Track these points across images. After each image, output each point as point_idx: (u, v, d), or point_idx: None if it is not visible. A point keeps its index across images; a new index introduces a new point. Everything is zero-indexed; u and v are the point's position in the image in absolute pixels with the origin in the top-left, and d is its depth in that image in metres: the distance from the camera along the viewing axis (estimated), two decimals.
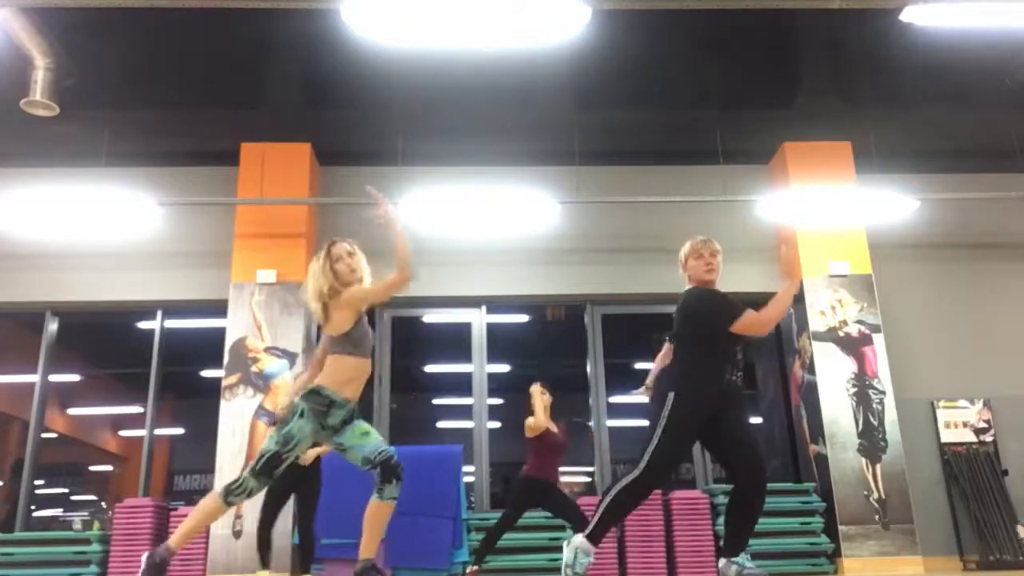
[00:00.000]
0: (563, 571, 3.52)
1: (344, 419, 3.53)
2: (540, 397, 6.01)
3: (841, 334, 7.68)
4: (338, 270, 3.60)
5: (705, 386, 3.61)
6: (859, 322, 7.72)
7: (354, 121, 7.78)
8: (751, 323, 3.61)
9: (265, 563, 5.65)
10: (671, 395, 3.58)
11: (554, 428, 6.04)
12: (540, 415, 5.93)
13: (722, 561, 3.67)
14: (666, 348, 3.89)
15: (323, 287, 3.56)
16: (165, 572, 3.39)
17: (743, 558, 3.63)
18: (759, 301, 9.17)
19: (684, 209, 7.90)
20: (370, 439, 3.54)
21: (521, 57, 6.44)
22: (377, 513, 3.53)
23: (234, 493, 3.46)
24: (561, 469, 6.18)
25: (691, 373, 3.64)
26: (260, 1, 5.41)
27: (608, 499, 3.56)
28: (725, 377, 3.62)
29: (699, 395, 3.60)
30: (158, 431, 8.15)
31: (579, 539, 3.55)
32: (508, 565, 6.77)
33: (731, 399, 3.64)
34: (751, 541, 3.70)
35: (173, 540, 3.43)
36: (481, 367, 8.13)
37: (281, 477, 5.57)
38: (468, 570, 5.94)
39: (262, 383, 7.29)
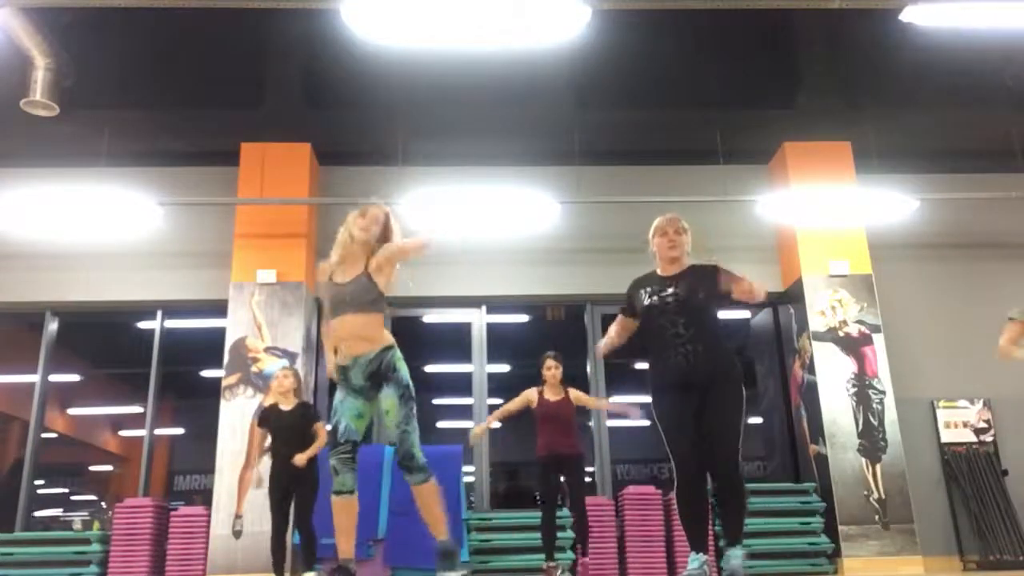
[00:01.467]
0: None
1: (367, 375, 3.64)
2: (545, 370, 6.03)
3: (841, 334, 7.68)
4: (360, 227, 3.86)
5: (657, 374, 3.67)
6: (859, 322, 7.72)
7: (354, 121, 7.78)
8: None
9: (279, 572, 5.64)
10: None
11: (552, 397, 5.96)
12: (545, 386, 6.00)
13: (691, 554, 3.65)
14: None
15: (354, 238, 3.85)
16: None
17: (735, 552, 3.56)
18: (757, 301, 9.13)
19: (684, 209, 7.75)
20: (387, 424, 3.65)
21: (521, 57, 6.43)
22: (417, 498, 3.67)
23: (333, 484, 3.60)
24: None
25: (649, 364, 3.74)
26: (260, 1, 5.41)
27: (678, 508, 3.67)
28: (672, 358, 3.57)
29: (657, 384, 3.68)
30: (158, 431, 8.15)
31: (691, 555, 3.55)
32: (508, 565, 6.77)
33: (700, 379, 3.54)
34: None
35: (340, 549, 3.65)
36: (481, 367, 8.13)
37: (279, 481, 5.60)
38: (545, 566, 5.89)
39: (262, 383, 7.28)
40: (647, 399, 3.91)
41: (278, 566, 5.62)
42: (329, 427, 3.77)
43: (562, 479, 5.93)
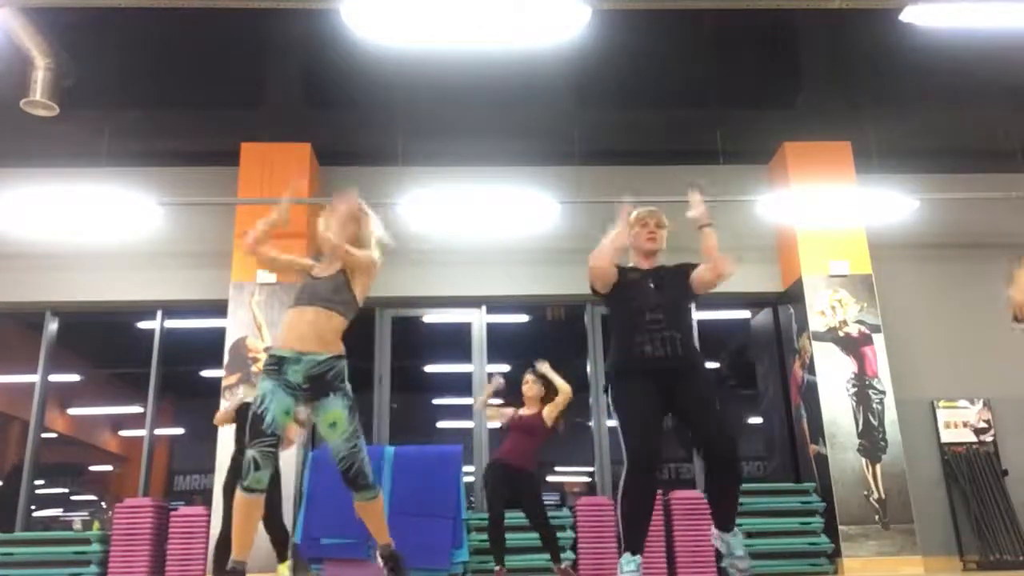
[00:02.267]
0: None
1: (307, 376, 3.42)
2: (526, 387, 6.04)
3: (841, 334, 7.68)
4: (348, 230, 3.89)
5: (621, 363, 3.58)
6: (859, 322, 7.72)
7: (354, 121, 7.78)
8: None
9: (282, 556, 5.61)
10: (610, 384, 3.63)
11: (524, 413, 5.98)
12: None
13: (714, 530, 3.62)
14: None
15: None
16: None
17: (735, 540, 3.55)
18: (757, 301, 9.19)
19: (684, 209, 7.87)
20: (332, 437, 3.43)
21: (521, 57, 6.43)
22: (360, 511, 3.52)
23: (244, 477, 3.30)
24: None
25: (612, 354, 3.68)
26: (260, 1, 5.41)
27: (617, 503, 3.48)
28: (641, 348, 3.49)
29: (622, 373, 3.56)
30: (158, 431, 8.15)
31: (624, 555, 3.44)
32: (508, 565, 6.75)
33: (668, 368, 3.47)
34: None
35: (234, 552, 3.34)
36: (481, 367, 8.13)
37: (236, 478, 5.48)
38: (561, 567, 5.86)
39: None
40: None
41: (220, 566, 5.32)
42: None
43: (511, 496, 5.87)
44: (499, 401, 6.18)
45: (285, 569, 5.58)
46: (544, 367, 6.05)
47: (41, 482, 8.13)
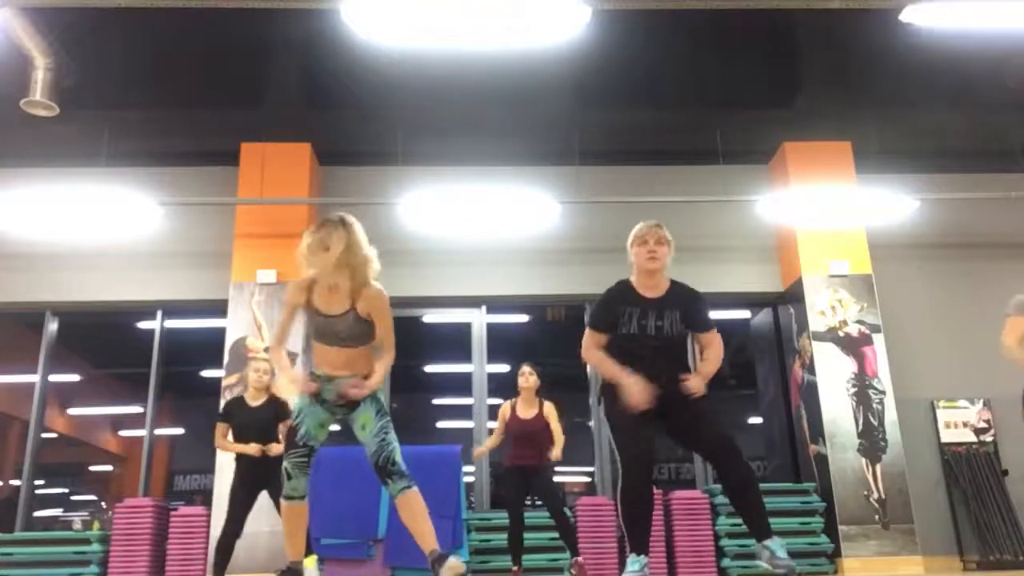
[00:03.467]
0: None
1: (340, 394, 3.55)
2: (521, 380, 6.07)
3: (841, 334, 7.68)
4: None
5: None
6: (859, 322, 7.72)
7: (354, 121, 7.78)
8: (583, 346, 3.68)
9: (220, 573, 5.34)
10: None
11: (524, 414, 6.02)
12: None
13: (757, 545, 3.63)
14: None
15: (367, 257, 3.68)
16: None
17: (775, 543, 3.53)
18: (757, 301, 9.17)
19: (684, 209, 7.90)
20: (364, 436, 3.57)
21: (521, 57, 6.43)
22: (401, 509, 3.56)
23: (284, 487, 3.54)
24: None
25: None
26: (260, 1, 5.41)
27: (618, 510, 3.53)
28: (643, 373, 3.45)
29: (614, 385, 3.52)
30: (158, 431, 8.15)
31: (629, 556, 3.47)
32: (508, 565, 6.76)
33: (669, 402, 3.47)
34: (751, 541, 3.67)
35: (289, 553, 3.59)
36: (481, 367, 8.13)
37: (244, 480, 5.43)
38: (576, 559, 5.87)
39: None
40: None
41: (220, 568, 5.32)
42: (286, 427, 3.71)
43: (529, 491, 6.05)
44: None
45: (311, 563, 5.52)
46: (553, 418, 6.06)
47: (41, 482, 8.12)
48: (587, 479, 8.45)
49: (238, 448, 5.42)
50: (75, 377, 9.55)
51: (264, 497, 5.52)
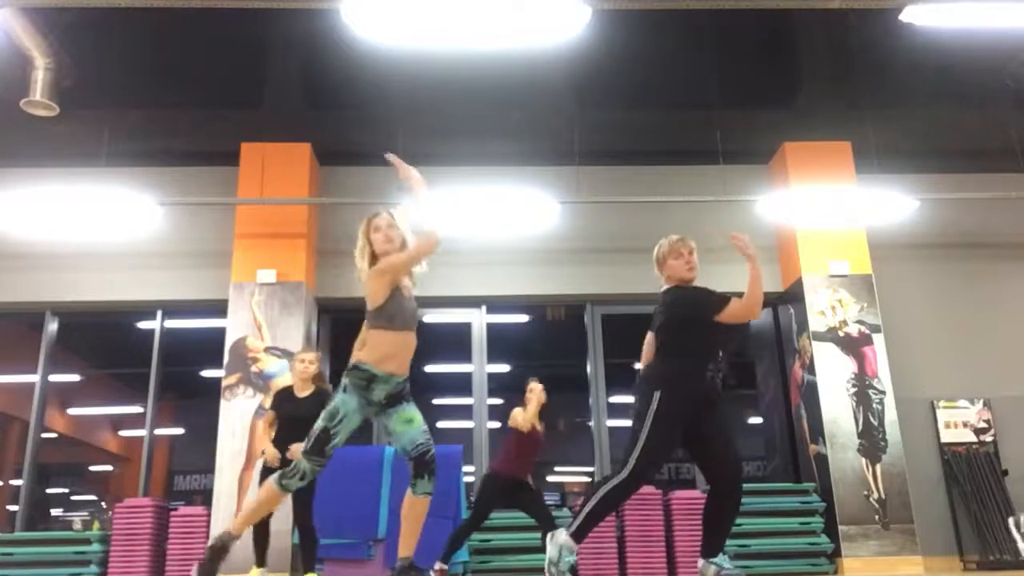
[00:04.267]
0: (547, 569, 3.52)
1: (390, 394, 3.53)
2: (539, 395, 5.97)
3: (841, 334, 7.68)
4: (374, 240, 3.65)
5: (690, 383, 3.65)
6: (859, 322, 7.72)
7: (354, 121, 7.78)
8: (738, 310, 3.69)
9: (261, 561, 5.51)
10: (657, 393, 3.61)
11: (539, 427, 5.99)
12: (532, 412, 5.87)
13: (700, 562, 3.69)
14: (650, 339, 3.88)
15: (359, 258, 3.64)
16: (226, 555, 3.47)
17: (721, 559, 3.64)
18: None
19: (684, 209, 7.90)
20: (411, 428, 3.55)
21: (521, 57, 6.43)
22: (411, 508, 3.57)
23: (287, 476, 3.49)
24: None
25: (677, 370, 3.68)
26: (260, 1, 5.41)
27: (596, 499, 3.57)
28: (708, 375, 3.66)
29: (684, 392, 3.63)
30: (158, 431, 8.15)
31: (563, 536, 3.54)
32: (508, 565, 6.77)
33: (711, 399, 3.67)
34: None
35: (234, 525, 3.52)
36: (481, 367, 8.13)
37: (276, 470, 5.47)
38: (436, 567, 5.77)
39: (262, 383, 7.29)
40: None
41: (260, 556, 5.47)
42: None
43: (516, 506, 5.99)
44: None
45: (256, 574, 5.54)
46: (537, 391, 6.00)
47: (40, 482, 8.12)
48: (587, 479, 8.45)
49: (268, 449, 5.41)
50: (75, 377, 9.55)
51: None
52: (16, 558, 6.69)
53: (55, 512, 8.98)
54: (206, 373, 8.25)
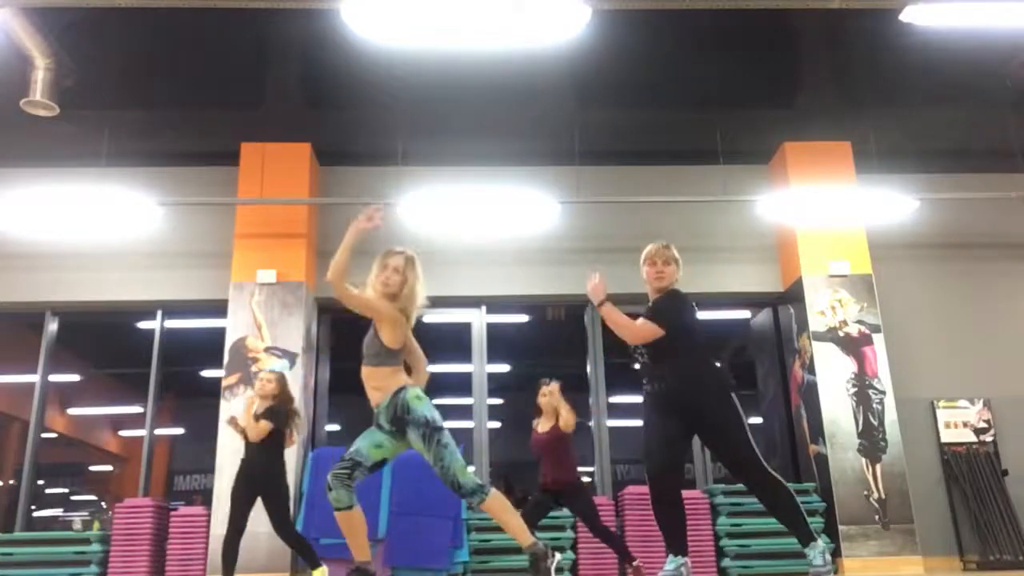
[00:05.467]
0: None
1: (389, 419, 3.61)
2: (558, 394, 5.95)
3: (841, 334, 7.68)
4: (380, 280, 3.68)
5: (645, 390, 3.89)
6: (859, 322, 7.72)
7: (354, 121, 7.78)
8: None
9: (313, 563, 5.48)
10: (734, 396, 3.75)
11: (541, 428, 5.97)
12: (567, 416, 5.83)
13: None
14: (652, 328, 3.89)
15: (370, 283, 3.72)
16: None
17: (812, 551, 3.96)
18: (757, 301, 9.17)
19: (684, 209, 7.90)
20: (429, 463, 3.65)
21: (521, 57, 6.43)
22: (489, 511, 3.68)
23: (328, 497, 3.51)
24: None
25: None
26: (260, 1, 5.41)
27: (794, 501, 4.06)
28: (646, 385, 3.85)
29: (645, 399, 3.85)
30: (158, 431, 8.15)
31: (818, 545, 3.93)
32: (508, 565, 6.77)
33: (684, 409, 3.75)
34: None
35: (356, 555, 3.56)
36: (481, 367, 8.13)
37: (242, 483, 5.48)
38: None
39: None
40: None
41: (228, 568, 5.41)
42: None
43: (562, 507, 6.01)
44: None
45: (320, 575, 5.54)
46: (556, 394, 5.95)
47: (41, 482, 8.12)
48: (587, 479, 8.45)
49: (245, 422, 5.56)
50: (75, 377, 9.55)
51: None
52: (16, 558, 6.69)
53: (55, 512, 8.98)
54: (206, 373, 8.25)
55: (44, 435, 8.03)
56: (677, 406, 3.70)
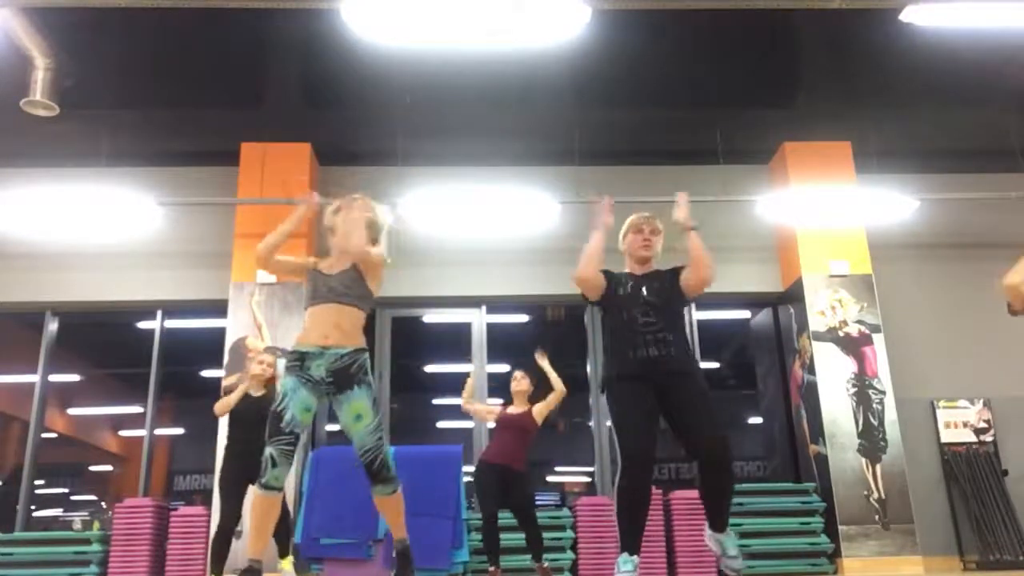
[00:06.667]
0: None
1: (330, 370, 3.43)
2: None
3: (841, 334, 7.68)
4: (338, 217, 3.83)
5: (616, 365, 3.61)
6: (859, 322, 7.72)
7: (354, 121, 7.78)
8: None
9: (219, 571, 5.32)
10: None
11: (514, 410, 5.95)
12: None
13: (708, 531, 3.65)
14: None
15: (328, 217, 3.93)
16: None
17: (727, 539, 3.60)
18: (757, 301, 9.18)
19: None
20: (359, 427, 3.42)
21: (521, 57, 6.44)
22: (382, 507, 3.55)
23: (262, 475, 3.33)
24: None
25: (608, 355, 3.71)
26: (260, 1, 5.41)
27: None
28: (635, 351, 3.54)
29: (616, 374, 3.59)
30: (158, 431, 8.15)
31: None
32: (508, 565, 6.76)
33: (672, 374, 3.52)
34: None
35: (250, 551, 3.41)
36: (481, 367, 8.13)
37: (234, 471, 5.49)
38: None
39: None
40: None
41: (218, 564, 5.30)
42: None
43: (501, 494, 5.75)
44: (493, 402, 6.12)
45: (287, 565, 5.53)
46: (543, 361, 6.01)
47: (41, 482, 8.12)
48: (587, 479, 8.45)
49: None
50: (75, 377, 9.55)
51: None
52: (16, 558, 6.69)
53: (55, 512, 8.97)
54: (206, 373, 8.25)
55: (44, 435, 8.03)
56: (661, 371, 3.49)
